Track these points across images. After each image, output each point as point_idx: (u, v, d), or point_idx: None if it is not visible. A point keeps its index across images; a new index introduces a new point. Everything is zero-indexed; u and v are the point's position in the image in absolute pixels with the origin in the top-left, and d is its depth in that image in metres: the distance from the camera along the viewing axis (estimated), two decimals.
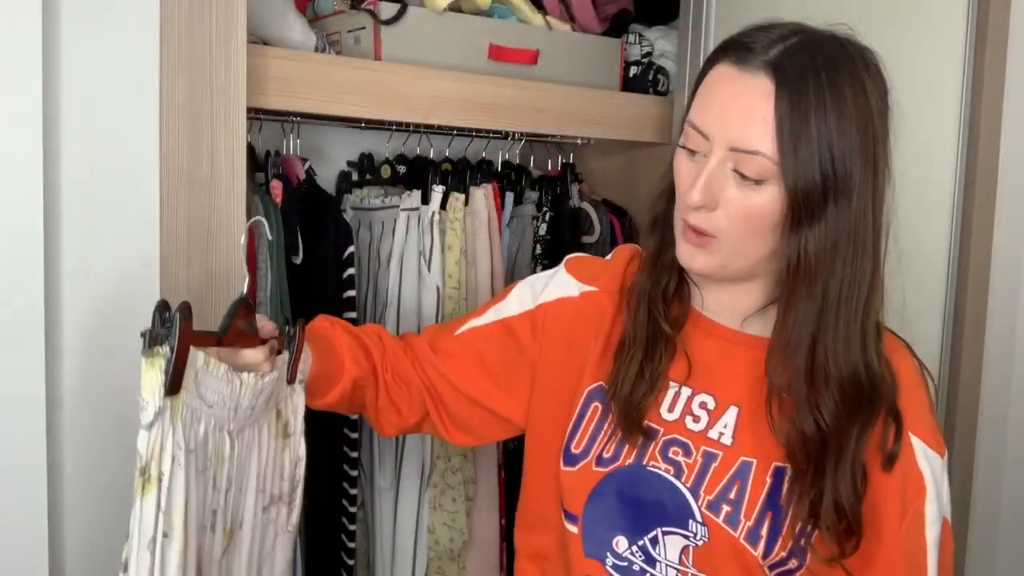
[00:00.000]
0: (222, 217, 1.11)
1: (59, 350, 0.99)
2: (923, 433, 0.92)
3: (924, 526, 0.91)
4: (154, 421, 0.74)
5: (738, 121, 0.85)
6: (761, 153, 0.84)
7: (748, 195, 0.86)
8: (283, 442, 0.95)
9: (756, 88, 0.84)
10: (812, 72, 0.84)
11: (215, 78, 1.09)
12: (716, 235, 0.88)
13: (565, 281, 1.07)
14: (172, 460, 0.75)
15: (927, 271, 1.53)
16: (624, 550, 0.94)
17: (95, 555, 1.04)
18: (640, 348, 0.97)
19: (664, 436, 0.95)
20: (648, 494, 0.94)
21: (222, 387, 0.82)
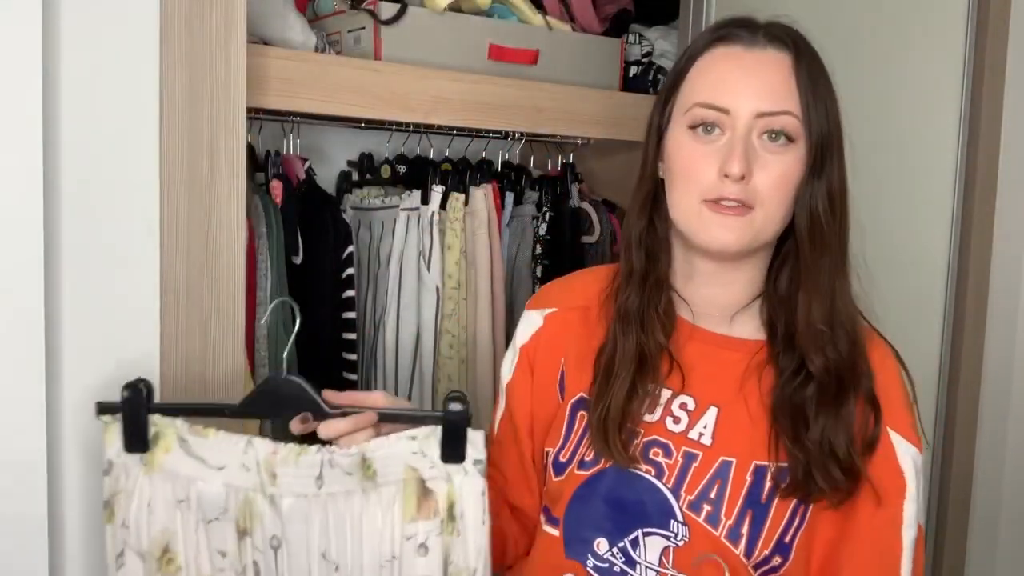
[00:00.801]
0: (222, 217, 1.11)
1: (59, 350, 0.99)
2: (901, 426, 0.93)
3: (902, 526, 0.91)
4: (108, 469, 0.91)
5: (765, 87, 0.91)
6: (791, 112, 0.90)
7: (777, 159, 0.91)
8: (448, 525, 0.91)
9: (774, 58, 0.92)
10: (809, 46, 0.95)
11: (215, 78, 1.09)
12: (754, 204, 0.91)
13: (528, 317, 1.08)
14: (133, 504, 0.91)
15: (927, 271, 1.53)
16: (605, 552, 0.95)
17: (95, 555, 1.04)
18: (630, 368, 0.96)
19: (645, 438, 0.96)
20: (629, 495, 0.95)
21: (232, 453, 0.91)
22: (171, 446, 0.91)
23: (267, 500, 0.90)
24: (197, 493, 0.91)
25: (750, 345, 0.97)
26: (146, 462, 0.91)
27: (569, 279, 1.14)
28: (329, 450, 0.90)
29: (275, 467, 0.90)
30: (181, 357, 1.08)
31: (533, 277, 1.74)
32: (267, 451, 0.90)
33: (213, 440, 0.91)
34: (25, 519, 0.98)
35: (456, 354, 1.60)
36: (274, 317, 1.38)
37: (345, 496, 0.90)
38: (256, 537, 0.91)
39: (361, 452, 0.90)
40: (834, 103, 0.94)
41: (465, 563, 0.92)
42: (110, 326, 1.03)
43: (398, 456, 0.90)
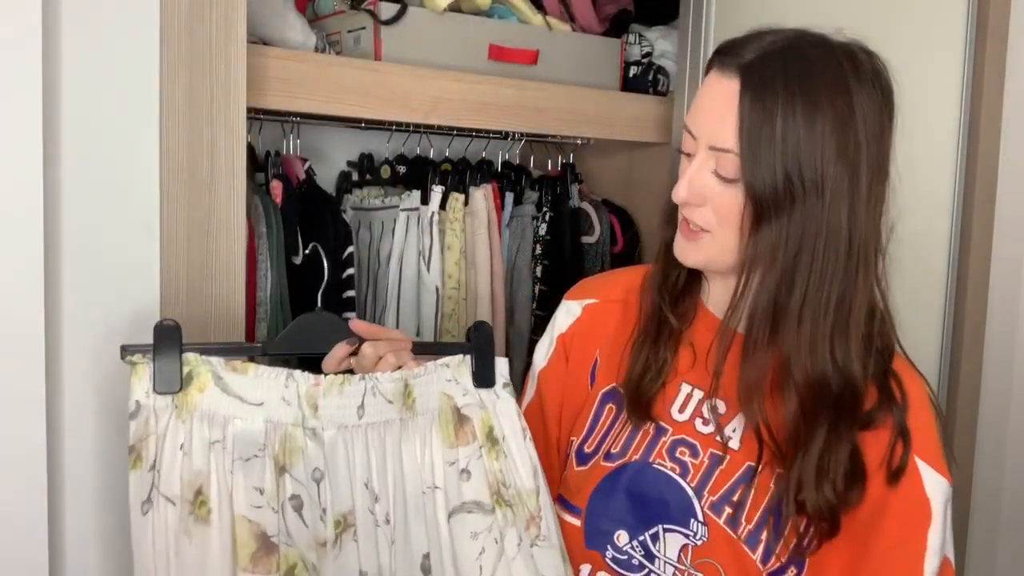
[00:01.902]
0: (222, 217, 1.11)
1: (59, 350, 0.99)
2: (931, 458, 0.91)
3: (924, 555, 0.89)
4: (135, 412, 0.87)
5: (715, 121, 0.88)
6: (732, 151, 0.86)
7: (726, 191, 0.88)
8: (490, 449, 0.95)
9: (727, 89, 0.86)
10: (782, 73, 0.85)
11: (215, 78, 1.09)
12: (708, 229, 0.91)
13: (567, 307, 1.10)
14: (175, 446, 0.86)
15: (927, 274, 1.53)
16: (624, 544, 0.95)
17: (95, 554, 1.04)
18: (650, 337, 0.99)
19: (673, 436, 0.97)
20: (652, 491, 0.96)
21: (272, 387, 0.89)
22: (206, 385, 0.88)
23: (308, 433, 0.90)
24: (234, 432, 0.88)
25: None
26: (178, 403, 0.87)
27: (610, 273, 1.18)
28: (373, 376, 0.92)
29: (317, 399, 0.90)
30: None
31: (533, 277, 1.74)
32: (309, 383, 0.90)
33: (252, 376, 0.89)
34: (25, 518, 0.98)
35: None
36: (274, 317, 1.38)
37: (384, 426, 0.92)
38: (297, 471, 0.89)
39: (404, 378, 0.93)
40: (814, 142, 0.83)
41: (522, 483, 0.95)
42: (110, 326, 1.03)
43: (434, 384, 0.95)
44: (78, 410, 1.01)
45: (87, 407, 1.02)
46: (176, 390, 0.87)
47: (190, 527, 0.86)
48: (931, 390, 0.97)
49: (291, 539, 0.88)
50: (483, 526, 0.94)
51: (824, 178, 0.84)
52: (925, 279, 1.55)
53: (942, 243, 1.53)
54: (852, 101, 0.86)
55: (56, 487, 1.00)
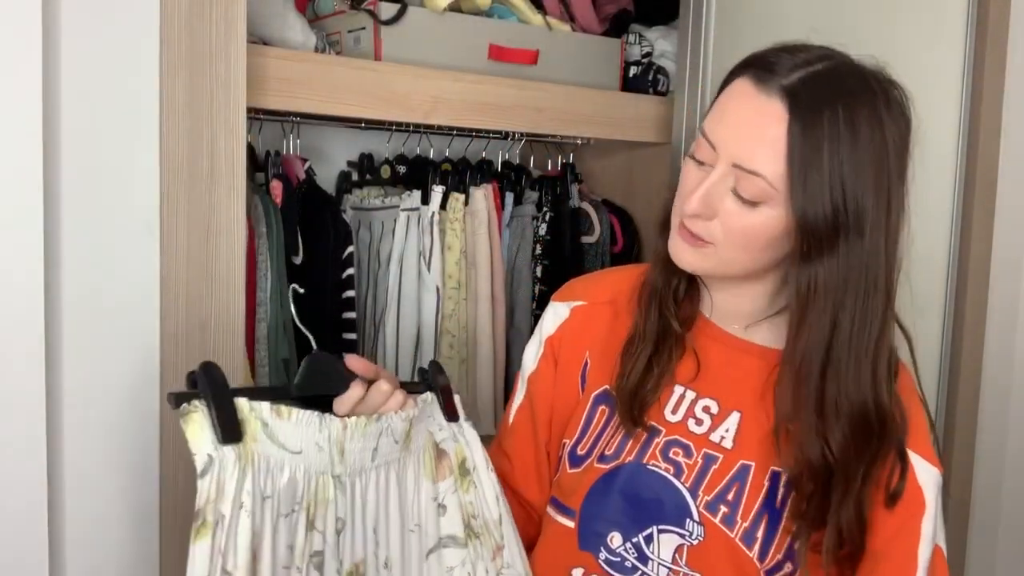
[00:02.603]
0: (222, 217, 1.11)
1: (59, 350, 0.99)
2: (920, 448, 0.93)
3: (918, 543, 0.91)
4: (206, 470, 0.76)
5: (747, 140, 0.85)
6: (762, 176, 0.84)
7: (744, 212, 0.86)
8: (462, 481, 0.95)
9: (770, 111, 0.83)
10: (829, 104, 0.83)
11: (215, 78, 1.09)
12: (712, 242, 0.89)
13: (555, 309, 1.08)
14: (238, 505, 0.77)
15: (927, 271, 1.53)
16: (618, 546, 0.95)
17: (95, 555, 1.04)
18: (649, 344, 0.98)
19: (666, 436, 0.97)
20: (647, 492, 0.95)
21: (308, 433, 0.83)
22: (257, 434, 0.79)
23: (335, 481, 0.85)
24: (280, 486, 0.81)
25: (771, 354, 0.97)
26: (240, 454, 0.77)
27: (598, 275, 1.16)
28: (388, 417, 0.89)
29: (344, 443, 0.85)
30: (181, 357, 1.08)
31: (533, 277, 1.74)
32: (338, 426, 0.85)
33: (293, 421, 0.82)
34: (25, 518, 0.98)
35: (456, 354, 1.60)
36: (274, 317, 1.38)
37: (387, 467, 0.90)
38: (323, 523, 0.85)
39: (409, 417, 0.92)
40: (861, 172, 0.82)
41: (489, 513, 0.95)
42: (110, 326, 1.03)
43: (423, 421, 0.94)
44: (78, 410, 1.01)
45: (87, 407, 1.02)
46: (240, 439, 0.78)
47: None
48: (916, 378, 0.98)
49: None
50: (457, 560, 0.93)
51: (864, 211, 0.84)
52: (925, 279, 1.55)
53: (942, 243, 1.53)
54: (885, 134, 0.85)
55: (56, 486, 1.00)
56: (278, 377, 1.37)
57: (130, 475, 1.06)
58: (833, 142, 0.82)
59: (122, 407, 1.05)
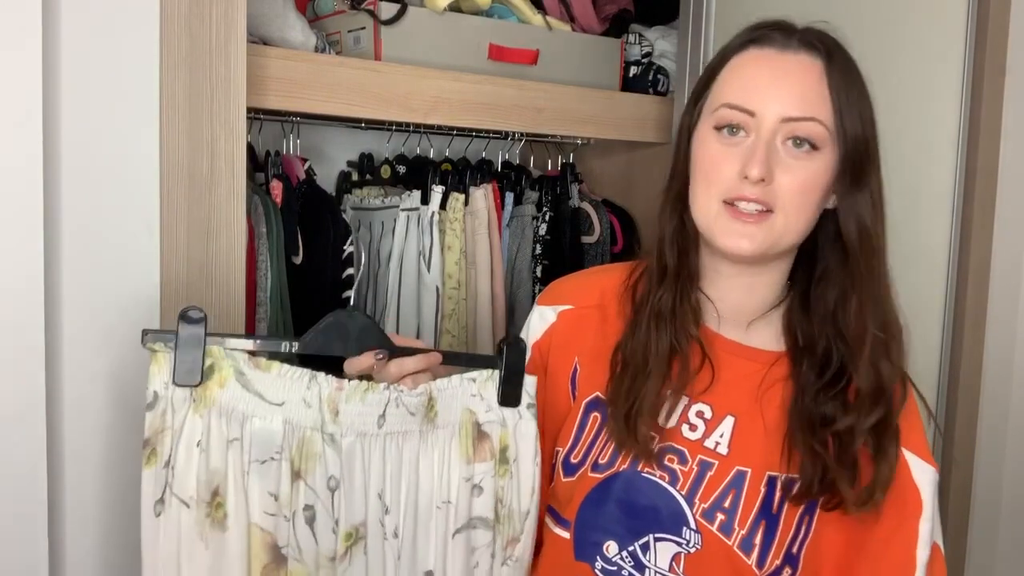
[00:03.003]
0: (222, 217, 1.11)
1: (59, 350, 0.99)
2: (916, 447, 0.93)
3: (916, 545, 0.91)
4: (152, 403, 0.83)
5: (793, 91, 0.90)
6: (817, 120, 0.89)
7: (802, 165, 0.90)
8: (500, 468, 0.94)
9: (805, 63, 0.91)
10: (844, 52, 0.93)
11: (215, 78, 1.09)
12: (772, 208, 0.90)
13: (541, 313, 1.07)
14: (181, 444, 0.83)
15: (927, 271, 1.53)
16: (614, 555, 0.94)
17: (95, 555, 1.04)
18: (662, 366, 0.95)
19: (660, 443, 0.95)
20: (642, 500, 0.94)
21: (294, 388, 0.87)
22: (227, 380, 0.84)
23: (326, 439, 0.87)
24: (251, 431, 0.85)
25: (766, 356, 0.97)
26: (196, 397, 0.83)
27: (583, 276, 1.13)
28: (398, 389, 0.90)
29: (339, 404, 0.87)
30: None
31: (533, 277, 1.74)
32: (332, 387, 0.87)
33: (276, 374, 0.86)
34: (25, 518, 0.98)
35: None
36: (274, 317, 1.38)
37: (403, 436, 0.91)
38: (312, 478, 0.87)
39: (428, 391, 0.91)
40: (869, 111, 0.93)
41: (518, 505, 0.95)
42: (110, 325, 1.03)
43: (458, 398, 0.93)
44: (78, 408, 1.01)
45: (87, 406, 1.02)
46: (196, 383, 0.83)
47: (205, 531, 0.83)
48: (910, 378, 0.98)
49: (300, 554, 0.86)
50: (483, 541, 0.94)
51: (876, 145, 0.94)
52: (925, 279, 1.55)
53: (942, 243, 1.52)
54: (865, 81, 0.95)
55: (56, 486, 1.00)
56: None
57: (130, 475, 1.06)
58: (856, 84, 0.92)
59: (122, 407, 1.05)
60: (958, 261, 1.52)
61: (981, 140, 1.49)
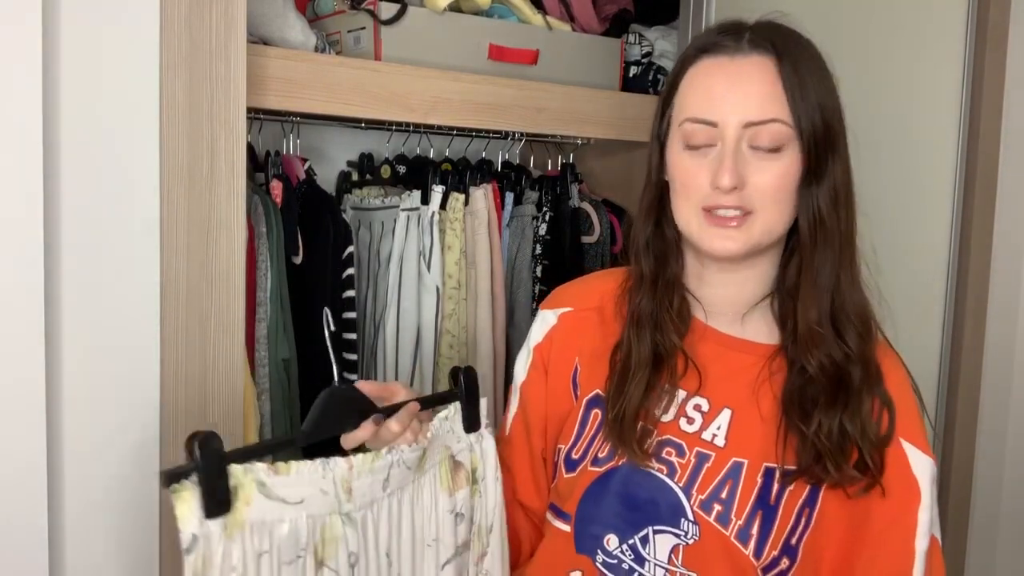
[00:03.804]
0: (222, 217, 1.11)
1: (59, 350, 0.99)
2: (914, 438, 0.94)
3: (915, 535, 0.92)
4: (192, 546, 0.77)
5: (751, 96, 0.90)
6: (778, 120, 0.90)
7: (770, 165, 0.91)
8: (472, 488, 0.97)
9: (757, 65, 0.91)
10: (796, 44, 0.93)
11: (215, 78, 1.09)
12: (751, 210, 0.91)
13: (543, 317, 1.10)
14: (228, 571, 0.79)
15: (927, 270, 1.53)
16: (614, 548, 0.96)
17: (95, 555, 1.04)
18: (646, 369, 0.98)
19: (658, 437, 0.97)
20: (641, 493, 0.95)
21: (311, 482, 0.85)
22: (251, 496, 0.81)
23: (344, 519, 0.87)
24: (280, 538, 0.82)
25: (762, 349, 0.98)
26: (228, 524, 0.79)
27: (584, 280, 1.15)
28: (399, 449, 0.90)
29: (351, 482, 0.87)
30: (181, 357, 1.08)
31: (533, 277, 1.74)
32: (344, 468, 0.86)
33: (294, 474, 0.83)
34: (25, 517, 0.98)
35: (456, 354, 1.60)
36: (274, 317, 1.38)
37: (400, 492, 0.92)
38: (335, 560, 0.86)
39: (422, 446, 0.93)
40: (831, 97, 0.93)
41: (485, 520, 0.97)
42: (110, 326, 1.03)
43: (439, 439, 0.95)
44: (78, 410, 1.01)
45: (87, 407, 1.02)
46: (228, 511, 0.79)
47: None
48: (908, 370, 0.99)
49: None
50: (463, 565, 0.97)
51: (838, 132, 0.93)
52: (925, 279, 1.55)
53: (942, 243, 1.53)
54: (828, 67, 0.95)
55: (56, 486, 1.00)
56: (278, 376, 1.37)
57: (130, 474, 1.06)
58: (812, 73, 0.92)
59: (122, 407, 1.05)
60: (958, 260, 1.52)
61: (981, 140, 1.49)
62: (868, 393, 0.93)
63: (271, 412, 1.35)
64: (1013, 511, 1.56)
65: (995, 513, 1.57)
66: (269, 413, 1.35)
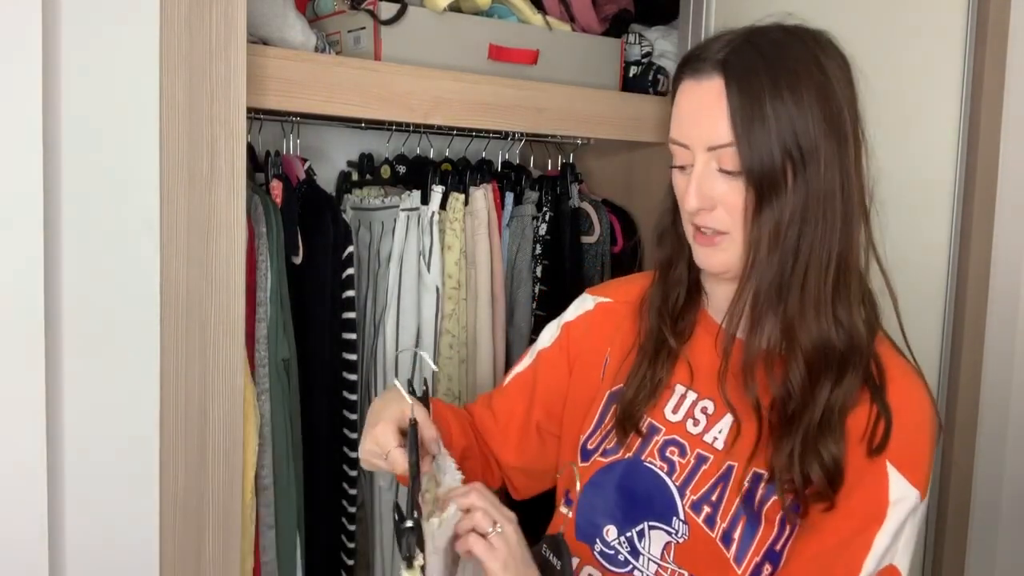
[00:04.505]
0: (222, 217, 1.11)
1: (59, 350, 0.99)
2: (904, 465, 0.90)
3: (867, 554, 0.88)
4: None
5: (707, 120, 0.89)
6: (731, 144, 0.88)
7: (735, 187, 0.90)
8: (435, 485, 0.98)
9: (712, 87, 0.89)
10: (759, 58, 0.88)
11: (215, 78, 1.09)
12: (724, 231, 0.92)
13: (584, 299, 1.15)
14: None
15: (927, 271, 1.54)
16: (613, 539, 0.97)
17: (95, 555, 1.04)
18: (647, 357, 1.02)
19: (665, 435, 0.99)
20: (640, 488, 0.97)
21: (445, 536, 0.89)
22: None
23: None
24: None
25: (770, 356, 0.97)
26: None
27: (632, 277, 1.19)
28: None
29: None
30: (181, 357, 1.08)
31: (533, 277, 1.74)
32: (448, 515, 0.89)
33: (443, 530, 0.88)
34: (25, 517, 0.98)
35: (456, 354, 1.60)
36: (274, 317, 1.38)
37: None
38: None
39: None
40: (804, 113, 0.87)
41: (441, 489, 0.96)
42: (110, 326, 1.03)
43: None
44: (78, 409, 1.01)
45: (87, 406, 1.02)
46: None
47: None
48: (932, 400, 0.95)
49: None
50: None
51: (818, 148, 0.88)
52: (925, 279, 1.55)
53: (942, 242, 1.53)
54: (826, 71, 0.89)
55: (56, 485, 1.00)
56: (278, 376, 1.37)
57: (130, 473, 1.06)
58: (774, 89, 0.86)
59: (122, 406, 1.05)
60: (958, 261, 1.52)
61: (981, 140, 1.49)
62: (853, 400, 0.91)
63: (271, 412, 1.35)
64: (1013, 511, 1.56)
65: (995, 513, 1.57)
66: (269, 413, 1.35)
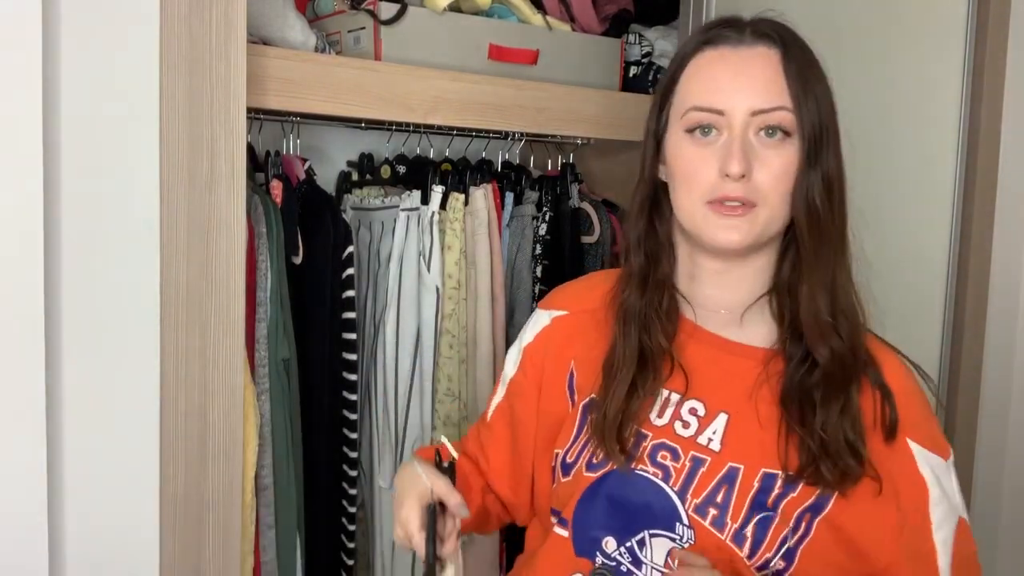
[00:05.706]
0: (222, 217, 1.11)
1: (59, 350, 0.99)
2: (921, 438, 0.93)
3: (931, 529, 0.91)
4: None
5: (757, 84, 0.92)
6: (785, 108, 0.91)
7: (778, 152, 0.92)
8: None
9: (762, 55, 0.93)
10: (796, 39, 0.95)
11: (215, 78, 1.09)
12: (756, 201, 0.92)
13: (538, 316, 1.10)
14: None
15: (927, 271, 1.53)
16: (613, 551, 0.95)
17: (95, 555, 1.04)
18: (630, 368, 0.97)
19: (653, 440, 0.96)
20: (635, 497, 0.95)
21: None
22: None
23: None
24: None
25: (759, 353, 0.97)
26: None
27: (582, 281, 1.15)
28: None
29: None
30: (181, 356, 1.08)
31: (533, 277, 1.74)
32: None
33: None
34: (25, 517, 0.98)
35: (456, 354, 1.60)
36: (274, 317, 1.38)
37: None
38: None
39: None
40: (826, 92, 0.95)
41: None
42: (110, 326, 1.03)
43: None
44: (78, 410, 1.01)
45: (87, 406, 1.02)
46: None
47: None
48: (911, 364, 0.99)
49: None
50: None
51: (833, 128, 0.95)
52: (925, 279, 1.55)
53: (942, 243, 1.53)
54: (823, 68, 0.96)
55: (56, 485, 1.00)
56: (278, 376, 1.37)
57: (130, 473, 1.06)
58: (812, 69, 0.94)
59: (122, 406, 1.05)
60: (958, 261, 1.52)
61: (981, 140, 1.49)
62: (857, 384, 0.93)
63: (271, 412, 1.35)
64: (1013, 511, 1.56)
65: (995, 513, 1.57)
66: (269, 413, 1.35)
